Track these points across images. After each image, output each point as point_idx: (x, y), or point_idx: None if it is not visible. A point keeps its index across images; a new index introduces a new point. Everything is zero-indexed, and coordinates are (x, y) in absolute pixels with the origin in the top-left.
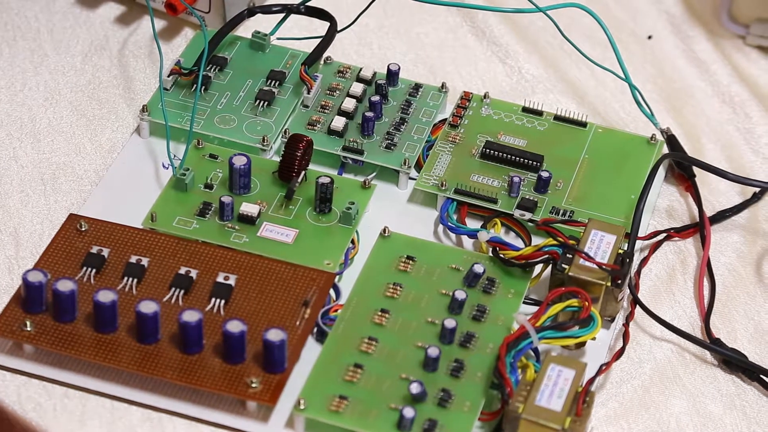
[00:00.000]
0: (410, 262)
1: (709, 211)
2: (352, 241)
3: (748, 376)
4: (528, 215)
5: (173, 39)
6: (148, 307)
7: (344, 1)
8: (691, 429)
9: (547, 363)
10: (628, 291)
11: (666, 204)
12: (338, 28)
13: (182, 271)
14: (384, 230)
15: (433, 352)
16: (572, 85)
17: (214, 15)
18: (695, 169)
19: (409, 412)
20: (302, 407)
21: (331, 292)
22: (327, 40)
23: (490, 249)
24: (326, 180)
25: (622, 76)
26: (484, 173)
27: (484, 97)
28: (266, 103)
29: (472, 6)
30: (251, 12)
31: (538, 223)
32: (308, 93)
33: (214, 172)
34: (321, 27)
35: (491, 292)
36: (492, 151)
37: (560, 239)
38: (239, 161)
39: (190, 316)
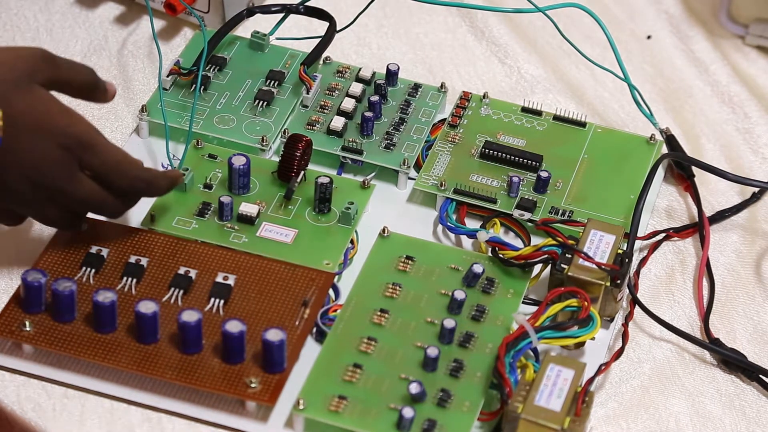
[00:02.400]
0: (409, 262)
1: (708, 211)
2: (352, 241)
3: (747, 376)
4: (527, 215)
5: (172, 39)
6: (147, 307)
7: (343, 1)
8: (690, 429)
9: (547, 363)
10: (627, 291)
11: (665, 204)
12: (337, 28)
13: (181, 271)
14: (383, 230)
15: (432, 352)
16: (571, 85)
17: (213, 15)
18: (694, 169)
19: (408, 412)
20: (301, 407)
21: (331, 292)
22: (326, 40)
23: (490, 249)
24: (325, 180)
25: (622, 76)
26: (484, 173)
27: (484, 97)
28: (265, 103)
29: (472, 6)
30: (250, 12)
31: (537, 223)
32: (307, 93)
33: (213, 172)
34: (320, 27)
35: (490, 292)
36: (491, 151)
37: (559, 239)
38: (238, 161)
39: (190, 316)
